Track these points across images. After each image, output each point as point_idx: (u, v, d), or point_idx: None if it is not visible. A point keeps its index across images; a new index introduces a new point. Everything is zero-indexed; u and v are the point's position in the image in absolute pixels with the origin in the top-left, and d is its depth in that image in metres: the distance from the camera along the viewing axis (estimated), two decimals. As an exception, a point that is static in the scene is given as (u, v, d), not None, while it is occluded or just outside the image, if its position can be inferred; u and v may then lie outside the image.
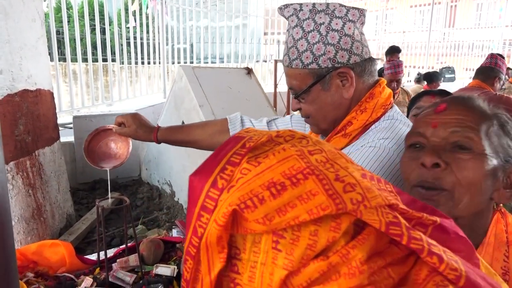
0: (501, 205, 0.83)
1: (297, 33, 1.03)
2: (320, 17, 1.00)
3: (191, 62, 6.44)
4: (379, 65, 5.63)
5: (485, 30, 11.31)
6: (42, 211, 2.26)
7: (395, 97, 4.09)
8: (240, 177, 0.44)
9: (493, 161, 0.74)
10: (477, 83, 3.21)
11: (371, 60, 1.08)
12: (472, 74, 3.59)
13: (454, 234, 0.47)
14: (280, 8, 1.08)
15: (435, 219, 0.47)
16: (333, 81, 1.03)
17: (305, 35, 1.01)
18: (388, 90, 1.11)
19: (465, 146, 0.75)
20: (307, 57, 1.02)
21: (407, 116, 1.85)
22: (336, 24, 1.00)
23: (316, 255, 0.41)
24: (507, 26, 11.21)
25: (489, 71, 3.30)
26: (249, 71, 3.16)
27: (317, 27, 1.00)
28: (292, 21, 1.05)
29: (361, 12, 1.03)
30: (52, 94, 2.54)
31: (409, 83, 7.65)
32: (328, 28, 0.99)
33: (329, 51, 1.00)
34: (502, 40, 10.94)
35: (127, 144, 1.59)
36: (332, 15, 1.00)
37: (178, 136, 1.47)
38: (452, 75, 9.80)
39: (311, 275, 0.40)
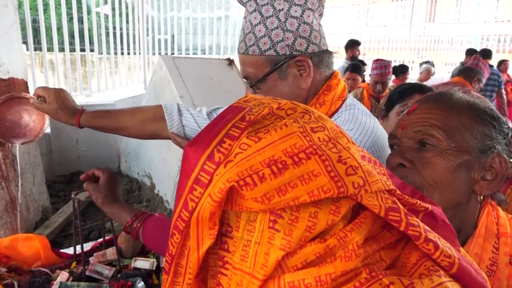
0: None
1: (255, 18, 1.00)
2: (279, 3, 0.98)
3: (173, 53, 6.35)
4: (340, 62, 5.58)
5: (464, 25, 11.49)
6: (16, 204, 2.19)
7: (381, 101, 3.54)
8: (238, 152, 0.42)
9: (462, 156, 0.74)
10: (460, 80, 3.32)
11: (328, 52, 1.06)
12: (451, 68, 3.70)
13: (442, 222, 0.47)
14: None
15: (427, 206, 0.46)
16: (291, 70, 1.01)
17: (263, 20, 0.99)
18: (343, 82, 1.10)
19: (427, 143, 0.76)
20: (264, 43, 0.99)
21: (387, 112, 1.84)
22: (295, 11, 0.98)
23: (313, 237, 0.40)
24: (485, 22, 11.42)
25: (470, 71, 3.42)
26: (230, 62, 3.12)
27: (276, 13, 0.98)
28: (250, 6, 1.02)
29: (320, 2, 1.02)
30: (26, 83, 2.46)
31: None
32: (287, 14, 0.98)
33: (287, 38, 0.98)
34: (480, 35, 11.14)
35: (42, 119, 1.40)
36: (291, 2, 0.98)
37: (104, 121, 1.30)
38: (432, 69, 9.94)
39: (307, 256, 0.39)
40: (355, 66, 4.24)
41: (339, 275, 0.39)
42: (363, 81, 4.34)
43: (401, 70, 4.81)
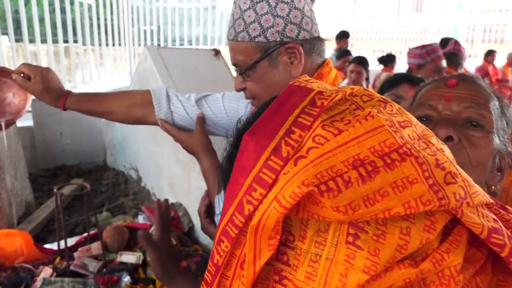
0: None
1: (244, 3, 0.97)
2: None
3: (159, 44, 6.26)
4: (329, 54, 5.52)
5: (451, 16, 11.55)
6: (-3, 199, 2.14)
7: None
8: (313, 146, 0.34)
9: (497, 142, 0.73)
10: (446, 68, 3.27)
11: (320, 40, 1.03)
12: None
13: None
14: None
15: None
16: (281, 57, 0.98)
17: (253, 5, 0.95)
18: (334, 71, 1.08)
19: (478, 123, 0.73)
20: (254, 29, 0.96)
21: None
22: None
23: (402, 258, 0.33)
24: (471, 12, 11.49)
25: (454, 57, 3.33)
26: (216, 52, 3.08)
27: None
28: None
29: None
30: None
31: (377, 67, 7.73)
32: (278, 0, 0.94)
33: (278, 24, 0.95)
34: (466, 25, 11.21)
35: (25, 97, 1.31)
36: None
37: (90, 105, 1.27)
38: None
39: (394, 282, 0.32)
40: (361, 59, 4.01)
41: None
42: (367, 78, 4.04)
43: (389, 59, 4.84)
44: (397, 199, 0.32)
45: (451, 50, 3.44)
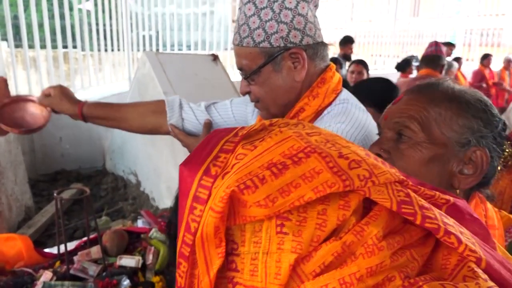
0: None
1: (249, 9, 1.00)
2: None
3: (157, 50, 6.29)
4: (330, 54, 5.53)
5: (448, 20, 11.60)
6: (-3, 204, 2.15)
7: None
8: (235, 163, 0.40)
9: (437, 149, 0.73)
10: (429, 72, 3.16)
11: (324, 44, 1.06)
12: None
13: (469, 215, 0.43)
14: None
15: (448, 198, 0.43)
16: (285, 62, 1.01)
17: (257, 11, 0.98)
18: (338, 75, 1.10)
19: (404, 135, 0.76)
20: (258, 35, 0.99)
21: None
22: (290, 2, 0.97)
23: (327, 236, 0.37)
24: (468, 16, 11.54)
25: (437, 59, 3.27)
26: (215, 57, 3.11)
27: (270, 4, 0.97)
28: None
29: None
30: (5, 80, 2.40)
31: (375, 71, 7.77)
32: (282, 6, 0.97)
33: (281, 30, 0.97)
34: (463, 29, 11.26)
35: (46, 113, 1.42)
36: None
37: (106, 111, 1.34)
38: (417, 63, 10.01)
39: (324, 258, 0.36)
40: (361, 60, 4.06)
41: (365, 273, 0.35)
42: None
43: (406, 64, 4.87)
44: (308, 187, 0.38)
45: (432, 52, 3.39)
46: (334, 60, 4.13)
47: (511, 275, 0.39)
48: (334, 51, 5.76)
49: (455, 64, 5.56)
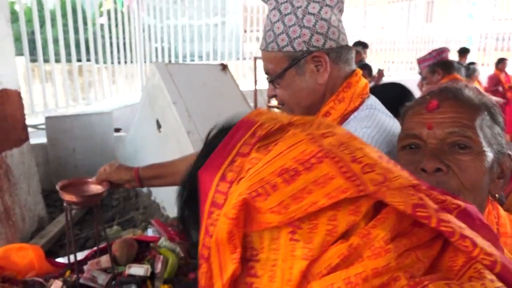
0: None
1: (274, 15, 1.03)
2: (298, 1, 1.01)
3: (170, 61, 6.38)
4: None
5: (462, 25, 11.48)
6: (11, 214, 2.19)
7: None
8: (250, 167, 0.41)
9: (490, 156, 0.72)
10: (455, 77, 3.09)
11: (348, 48, 1.07)
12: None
13: (479, 221, 0.43)
14: None
15: (459, 203, 0.43)
16: (308, 65, 1.03)
17: (282, 17, 1.02)
18: (364, 80, 1.10)
19: (464, 146, 0.71)
20: (282, 40, 1.02)
21: None
22: (313, 8, 1.00)
23: (335, 240, 0.38)
24: (483, 20, 11.40)
25: (450, 66, 3.22)
26: (224, 67, 3.13)
27: (294, 10, 1.01)
28: (270, 4, 1.06)
29: None
30: (19, 94, 2.47)
31: (389, 78, 7.71)
32: (305, 11, 1.00)
33: (304, 34, 1.00)
34: (478, 34, 11.12)
35: (105, 186, 1.53)
36: None
37: (160, 169, 1.44)
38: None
39: (331, 260, 0.37)
40: (365, 64, 4.11)
41: (371, 274, 0.36)
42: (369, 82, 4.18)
43: (451, 67, 4.75)
44: (321, 193, 0.38)
45: (444, 59, 3.31)
46: None
47: None
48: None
49: (478, 69, 5.49)
